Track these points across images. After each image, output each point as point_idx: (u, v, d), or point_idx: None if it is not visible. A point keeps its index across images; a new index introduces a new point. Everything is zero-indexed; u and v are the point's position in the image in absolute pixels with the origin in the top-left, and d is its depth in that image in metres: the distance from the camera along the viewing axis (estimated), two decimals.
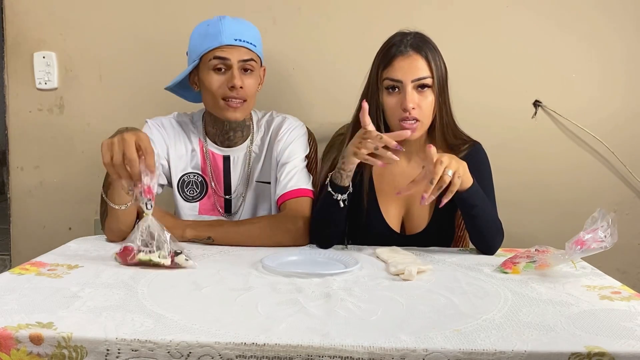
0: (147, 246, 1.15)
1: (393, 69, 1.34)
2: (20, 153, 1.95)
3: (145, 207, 1.15)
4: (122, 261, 1.16)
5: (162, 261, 1.14)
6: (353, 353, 0.78)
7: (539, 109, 1.87)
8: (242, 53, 1.40)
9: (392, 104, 1.35)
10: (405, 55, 1.34)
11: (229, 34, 1.39)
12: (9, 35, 1.90)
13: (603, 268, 1.21)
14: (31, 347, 0.79)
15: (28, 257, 1.21)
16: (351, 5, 1.85)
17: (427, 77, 1.33)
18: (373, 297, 0.99)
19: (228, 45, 1.39)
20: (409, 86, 1.32)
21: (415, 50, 1.34)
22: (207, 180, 1.53)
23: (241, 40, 1.40)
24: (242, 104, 1.41)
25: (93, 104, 1.90)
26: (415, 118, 1.33)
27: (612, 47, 1.84)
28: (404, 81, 1.32)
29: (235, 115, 1.42)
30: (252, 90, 1.43)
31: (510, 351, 0.78)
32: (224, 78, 1.39)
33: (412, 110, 1.32)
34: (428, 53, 1.35)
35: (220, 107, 1.42)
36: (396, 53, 1.35)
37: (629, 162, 1.86)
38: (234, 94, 1.39)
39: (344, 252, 1.28)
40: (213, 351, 0.78)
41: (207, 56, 1.40)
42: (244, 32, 1.42)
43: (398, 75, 1.33)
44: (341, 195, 1.30)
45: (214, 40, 1.39)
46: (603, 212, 1.11)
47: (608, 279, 1.13)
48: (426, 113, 1.35)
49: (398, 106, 1.33)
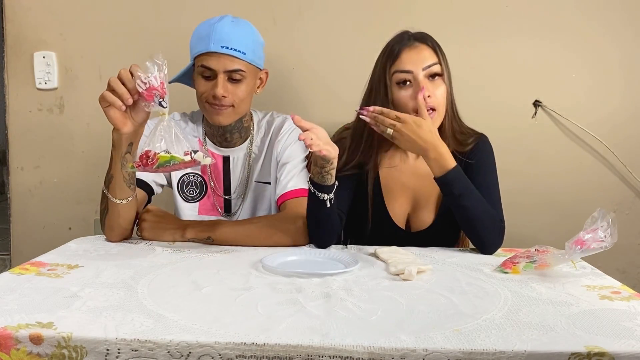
0: (166, 145, 1.10)
1: (401, 61, 1.34)
2: (20, 153, 1.95)
3: (161, 107, 1.11)
4: (142, 167, 1.11)
5: (185, 158, 1.10)
6: (353, 353, 0.78)
7: (539, 109, 1.87)
8: (227, 63, 1.37)
9: (406, 97, 1.33)
10: (412, 46, 1.34)
11: (217, 40, 1.36)
12: (9, 35, 1.90)
13: (603, 268, 1.21)
14: (31, 347, 0.79)
15: (28, 257, 1.21)
16: (351, 5, 1.85)
17: (436, 64, 1.33)
18: (373, 297, 0.99)
19: (215, 53, 1.37)
20: (421, 75, 1.32)
21: (420, 41, 1.35)
22: (206, 180, 1.53)
23: (229, 48, 1.37)
24: (228, 109, 1.41)
25: (93, 104, 1.86)
26: (432, 107, 1.32)
27: (612, 47, 1.84)
28: (415, 71, 1.32)
29: (219, 120, 1.42)
30: (240, 97, 1.41)
31: (510, 351, 0.78)
32: (209, 84, 1.39)
33: (427, 98, 1.31)
34: (432, 42, 1.36)
35: (206, 111, 1.43)
36: (402, 46, 1.35)
37: (629, 162, 1.87)
38: (216, 101, 1.39)
39: (343, 252, 1.27)
40: (213, 351, 0.78)
41: (197, 60, 1.40)
42: (235, 39, 1.38)
43: (408, 66, 1.32)
44: (327, 195, 1.28)
45: (203, 45, 1.38)
46: (603, 212, 1.11)
47: (608, 279, 1.13)
48: (441, 101, 1.34)
49: (412, 98, 1.32)
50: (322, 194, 1.28)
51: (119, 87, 1.14)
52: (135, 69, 1.13)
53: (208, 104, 1.41)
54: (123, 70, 1.15)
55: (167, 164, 1.10)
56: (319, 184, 1.28)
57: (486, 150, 1.43)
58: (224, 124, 1.44)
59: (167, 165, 1.11)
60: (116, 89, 1.14)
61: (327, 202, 1.28)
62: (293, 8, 1.85)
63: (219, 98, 1.38)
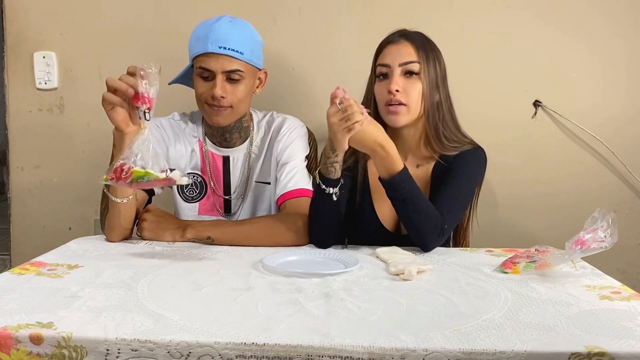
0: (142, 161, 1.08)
1: (383, 55, 1.38)
2: (20, 153, 1.95)
3: (144, 118, 1.11)
4: (115, 180, 1.09)
5: (159, 175, 1.08)
6: (353, 353, 0.78)
7: (539, 109, 1.87)
8: (225, 64, 1.37)
9: (380, 90, 1.37)
10: (395, 42, 1.38)
11: (215, 40, 1.36)
12: (9, 35, 1.90)
13: (603, 268, 1.21)
14: (31, 347, 0.79)
15: (28, 257, 1.21)
16: (351, 5, 1.85)
17: (413, 62, 1.35)
18: (373, 297, 0.99)
19: (213, 53, 1.37)
20: (397, 70, 1.34)
21: (404, 38, 1.38)
22: (206, 180, 1.53)
23: (227, 49, 1.36)
24: (226, 110, 1.41)
25: (93, 104, 1.88)
26: (401, 102, 1.34)
27: (612, 47, 1.84)
28: (392, 65, 1.35)
29: (218, 120, 1.42)
30: (239, 97, 1.41)
31: (510, 351, 0.78)
32: (208, 85, 1.39)
33: (396, 92, 1.33)
34: (419, 43, 1.37)
35: (206, 111, 1.43)
36: (388, 41, 1.39)
37: (629, 162, 1.86)
38: (215, 102, 1.39)
39: (343, 252, 1.27)
40: (213, 351, 0.78)
41: (195, 61, 1.40)
42: (233, 39, 1.38)
43: (386, 60, 1.36)
44: (333, 189, 1.29)
45: (201, 45, 1.38)
46: (603, 212, 1.11)
47: (608, 279, 1.13)
48: (414, 98, 1.35)
49: (385, 91, 1.35)
50: (328, 188, 1.29)
51: (117, 83, 1.14)
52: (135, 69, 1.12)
53: (207, 105, 1.41)
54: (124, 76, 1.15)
55: (140, 179, 1.08)
56: (325, 177, 1.29)
57: (470, 160, 1.40)
58: (223, 124, 1.44)
59: (141, 181, 1.08)
60: (115, 85, 1.14)
61: (332, 195, 1.29)
62: (293, 8, 1.85)
63: (218, 99, 1.38)
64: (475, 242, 1.57)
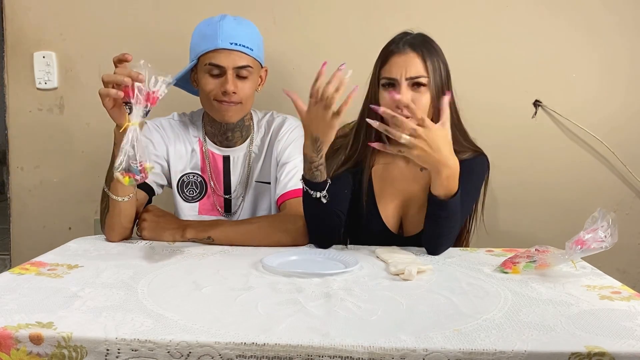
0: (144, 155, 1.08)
1: (389, 66, 1.35)
2: (20, 153, 1.95)
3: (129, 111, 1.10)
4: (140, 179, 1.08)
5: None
6: (353, 353, 0.78)
7: (539, 108, 1.87)
8: (237, 59, 1.38)
9: (387, 99, 1.33)
10: (402, 52, 1.34)
11: (225, 37, 1.37)
12: (9, 34, 1.90)
13: (603, 268, 1.21)
14: (31, 347, 0.79)
15: (28, 257, 1.21)
16: (351, 5, 1.85)
17: (421, 77, 1.33)
18: (373, 297, 0.99)
19: (224, 49, 1.37)
20: (404, 84, 1.32)
21: (411, 48, 1.34)
22: (206, 180, 1.53)
23: (237, 45, 1.38)
24: (236, 106, 1.41)
25: (93, 104, 1.87)
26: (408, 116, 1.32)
27: (611, 47, 1.84)
28: (398, 79, 1.32)
29: (229, 116, 1.42)
30: (247, 93, 1.42)
31: (510, 351, 0.78)
32: (218, 82, 1.39)
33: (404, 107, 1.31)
34: (425, 52, 1.34)
35: (214, 109, 1.42)
36: (393, 50, 1.35)
37: (629, 162, 1.87)
38: (226, 98, 1.39)
39: (343, 252, 1.27)
40: (213, 351, 0.78)
41: (203, 58, 1.40)
42: (242, 35, 1.39)
43: (393, 73, 1.33)
44: (320, 192, 1.27)
45: (211, 42, 1.38)
46: (603, 212, 1.11)
47: (608, 279, 1.13)
48: (421, 109, 1.33)
49: (391, 101, 1.31)
50: (314, 192, 1.27)
51: (112, 77, 1.13)
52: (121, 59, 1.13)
53: (217, 102, 1.41)
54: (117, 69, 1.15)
55: None
56: (311, 181, 1.27)
57: (473, 167, 1.38)
58: (233, 121, 1.44)
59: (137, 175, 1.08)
60: (111, 79, 1.13)
61: (320, 199, 1.28)
62: (293, 8, 1.85)
63: (230, 94, 1.38)
64: (475, 242, 1.57)
